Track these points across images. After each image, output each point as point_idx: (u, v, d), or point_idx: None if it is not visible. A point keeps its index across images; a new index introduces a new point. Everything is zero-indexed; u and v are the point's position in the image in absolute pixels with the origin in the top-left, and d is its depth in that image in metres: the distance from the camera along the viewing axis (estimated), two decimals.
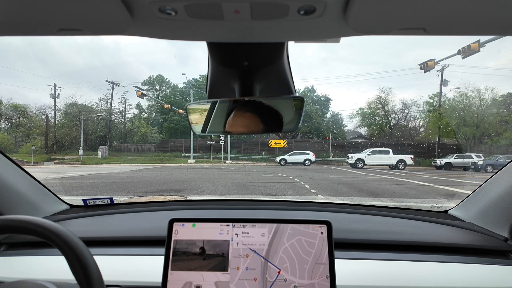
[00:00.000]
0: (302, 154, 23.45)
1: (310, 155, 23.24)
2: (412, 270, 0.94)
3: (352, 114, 38.17)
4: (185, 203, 1.61)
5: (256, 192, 8.15)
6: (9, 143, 28.17)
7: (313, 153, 23.58)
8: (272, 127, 0.83)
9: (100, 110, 34.56)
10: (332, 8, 0.42)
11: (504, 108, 24.83)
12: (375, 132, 33.59)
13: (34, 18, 0.44)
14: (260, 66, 0.79)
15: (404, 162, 20.09)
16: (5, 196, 1.10)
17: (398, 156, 20.64)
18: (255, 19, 0.46)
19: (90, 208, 1.40)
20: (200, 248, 0.76)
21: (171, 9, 0.42)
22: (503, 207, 1.10)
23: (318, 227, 0.78)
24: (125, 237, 1.13)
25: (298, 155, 23.42)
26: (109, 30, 0.48)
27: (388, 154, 20.67)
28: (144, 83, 39.00)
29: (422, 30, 0.47)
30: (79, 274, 0.55)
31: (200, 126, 0.89)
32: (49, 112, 32.31)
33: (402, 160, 20.20)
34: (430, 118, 27.86)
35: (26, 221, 0.57)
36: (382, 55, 53.56)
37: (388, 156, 20.60)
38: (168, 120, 34.14)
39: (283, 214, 1.35)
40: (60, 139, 30.53)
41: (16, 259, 1.02)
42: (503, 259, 1.01)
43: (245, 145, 28.86)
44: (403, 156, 20.62)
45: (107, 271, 0.63)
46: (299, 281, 0.73)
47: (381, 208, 1.40)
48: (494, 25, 0.46)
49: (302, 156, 23.10)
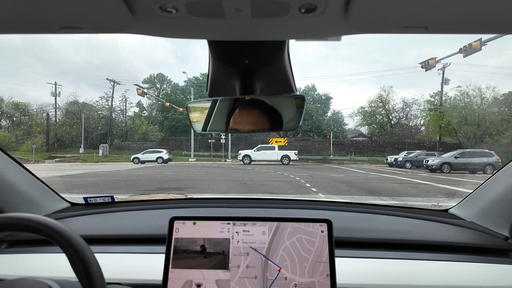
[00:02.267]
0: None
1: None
2: (412, 269, 0.94)
3: (353, 112, 38.21)
4: (185, 201, 1.61)
5: (257, 191, 8.15)
6: (10, 141, 28.18)
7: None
8: (273, 125, 0.83)
9: (101, 108, 34.64)
10: (333, 6, 0.42)
11: (506, 107, 24.75)
12: (376, 130, 33.56)
13: (34, 16, 0.44)
14: (260, 65, 0.79)
15: (288, 158, 21.57)
16: (6, 194, 1.11)
17: (283, 152, 22.17)
18: (255, 17, 0.45)
19: (91, 206, 1.40)
20: (200, 246, 0.76)
21: (172, 7, 0.42)
22: (503, 206, 1.10)
23: (318, 226, 0.78)
24: (126, 235, 1.13)
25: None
26: (109, 28, 0.48)
27: (273, 150, 21.98)
28: (144, 81, 38.99)
29: (424, 28, 0.47)
30: (80, 272, 0.55)
31: (201, 125, 0.89)
32: (50, 110, 32.39)
33: (287, 156, 21.69)
34: (431, 116, 27.82)
35: (27, 219, 0.57)
36: (383, 53, 53.38)
37: (273, 152, 21.89)
38: (168, 119, 34.16)
39: (284, 213, 1.35)
40: (61, 137, 30.55)
41: (18, 256, 1.03)
42: (503, 258, 1.01)
43: (245, 144, 28.86)
44: (287, 152, 22.09)
45: (108, 269, 0.63)
46: (299, 280, 0.73)
47: (382, 207, 1.40)
48: (496, 23, 0.46)
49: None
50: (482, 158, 15.42)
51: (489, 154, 15.62)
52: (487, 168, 14.93)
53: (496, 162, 15.02)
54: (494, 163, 14.99)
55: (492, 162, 15.05)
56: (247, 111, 0.82)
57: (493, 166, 14.86)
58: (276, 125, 0.83)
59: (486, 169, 14.94)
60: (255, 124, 0.81)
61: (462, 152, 16.52)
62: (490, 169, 14.82)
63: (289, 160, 21.13)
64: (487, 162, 15.10)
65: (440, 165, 15.67)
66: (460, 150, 17.50)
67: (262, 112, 0.81)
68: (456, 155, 16.04)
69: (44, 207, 1.28)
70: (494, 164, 14.91)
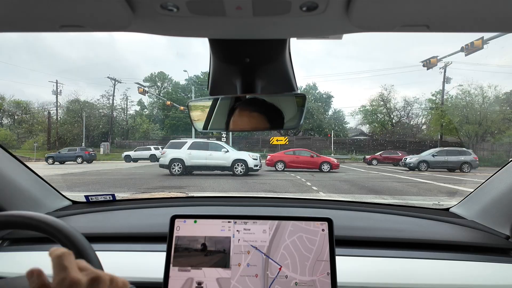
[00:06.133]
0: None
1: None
2: (413, 268, 0.94)
3: (354, 111, 38.12)
4: (186, 199, 1.62)
5: (258, 189, 8.16)
6: (11, 140, 28.27)
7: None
8: (274, 124, 0.83)
9: (102, 107, 34.68)
10: (334, 4, 0.42)
11: (507, 105, 24.65)
12: (377, 129, 33.52)
13: (36, 14, 0.44)
14: (262, 63, 0.79)
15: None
16: (8, 192, 1.11)
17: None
18: (257, 16, 0.45)
19: (92, 204, 1.40)
20: (201, 245, 0.77)
21: (173, 5, 0.42)
22: (505, 205, 1.10)
23: (319, 224, 0.78)
24: (127, 233, 1.13)
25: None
26: (110, 27, 0.48)
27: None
28: (146, 80, 39.03)
29: (425, 27, 0.47)
30: None
31: (202, 123, 0.89)
32: (51, 108, 32.45)
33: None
34: (433, 115, 27.77)
35: (29, 217, 0.57)
36: (385, 52, 53.32)
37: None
38: (169, 117, 34.21)
39: (285, 211, 1.35)
40: (62, 136, 30.59)
41: (19, 254, 1.03)
42: (504, 257, 1.01)
43: (246, 142, 28.87)
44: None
45: (109, 267, 0.63)
46: (300, 278, 0.73)
47: (383, 206, 1.40)
48: (498, 22, 0.45)
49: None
50: (460, 156, 15.58)
51: (466, 153, 15.81)
52: (464, 166, 15.13)
53: (473, 160, 15.25)
54: (471, 161, 15.20)
55: (469, 160, 15.24)
56: (248, 109, 0.82)
57: (470, 164, 15.11)
58: (277, 123, 0.83)
59: (463, 167, 15.13)
60: (256, 123, 0.81)
61: (440, 150, 16.70)
62: (466, 168, 15.05)
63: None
64: (464, 161, 15.28)
65: (417, 163, 15.87)
66: (439, 148, 17.67)
67: (263, 111, 0.81)
68: (434, 154, 16.20)
69: (46, 205, 1.29)
70: (471, 163, 15.15)
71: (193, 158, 11.84)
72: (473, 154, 15.79)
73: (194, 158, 11.85)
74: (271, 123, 0.82)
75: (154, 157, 20.57)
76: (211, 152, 12.07)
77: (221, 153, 12.13)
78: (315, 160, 14.79)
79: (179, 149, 11.98)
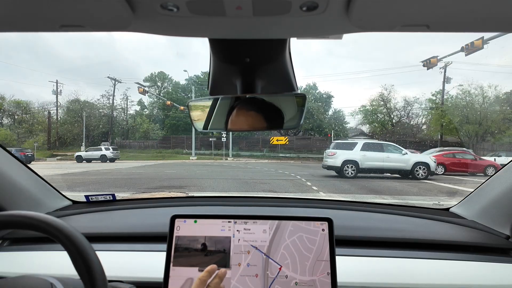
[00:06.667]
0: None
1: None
2: (413, 268, 0.94)
3: (354, 111, 38.08)
4: (186, 199, 1.62)
5: (258, 189, 8.16)
6: (12, 139, 28.25)
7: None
8: (274, 124, 0.83)
9: (102, 107, 34.65)
10: (334, 4, 0.42)
11: (507, 105, 24.62)
12: (377, 129, 33.47)
13: (36, 14, 0.44)
14: (262, 63, 0.79)
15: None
16: (8, 192, 1.11)
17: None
18: (257, 15, 0.45)
19: (93, 204, 1.41)
20: (201, 244, 0.77)
21: (173, 5, 0.42)
22: (505, 205, 1.10)
23: (319, 224, 0.78)
24: (127, 233, 1.13)
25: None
26: (111, 27, 0.48)
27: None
28: (146, 80, 38.95)
29: (425, 26, 0.47)
30: (81, 269, 0.55)
31: (202, 123, 0.89)
32: (51, 108, 32.45)
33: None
34: (433, 115, 27.72)
35: (29, 217, 0.57)
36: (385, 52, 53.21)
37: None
38: (170, 117, 34.17)
39: (285, 211, 1.35)
40: (62, 136, 30.60)
41: (19, 254, 1.03)
42: (504, 257, 1.01)
43: (246, 142, 28.85)
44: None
45: (109, 267, 0.63)
46: (300, 278, 0.73)
47: (383, 206, 1.40)
48: (498, 21, 0.45)
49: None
50: None
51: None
52: None
53: None
54: None
55: None
56: (245, 109, 0.82)
57: None
58: (277, 123, 0.83)
59: None
60: (254, 122, 0.81)
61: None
62: None
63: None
64: None
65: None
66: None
67: (260, 110, 0.81)
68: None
69: (46, 205, 1.29)
70: None
71: (368, 160, 11.13)
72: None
73: (369, 160, 11.14)
74: (269, 122, 0.82)
75: (104, 157, 20.39)
76: (388, 154, 11.28)
77: (399, 155, 11.29)
78: (478, 163, 13.28)
79: (350, 150, 11.37)
